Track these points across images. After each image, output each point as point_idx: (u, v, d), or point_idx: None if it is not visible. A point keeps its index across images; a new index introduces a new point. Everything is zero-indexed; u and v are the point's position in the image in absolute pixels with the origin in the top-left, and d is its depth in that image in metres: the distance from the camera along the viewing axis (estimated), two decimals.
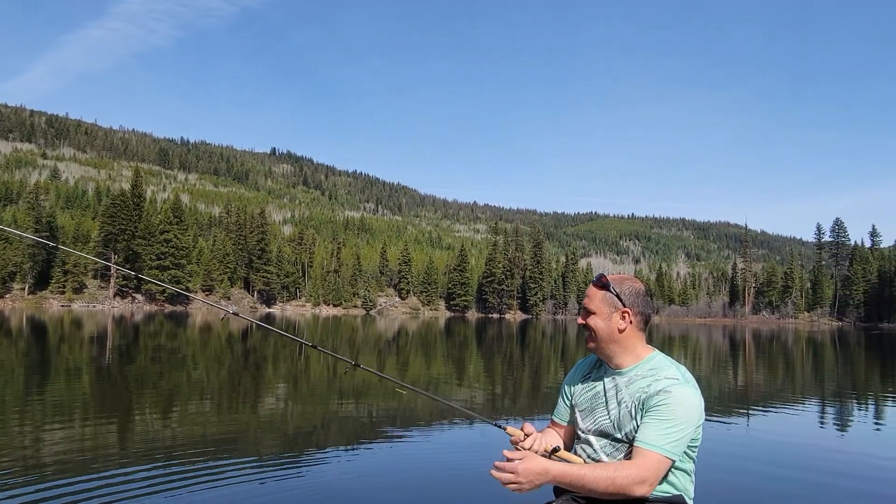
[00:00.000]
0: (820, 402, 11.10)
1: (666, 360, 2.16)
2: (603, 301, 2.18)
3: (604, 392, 2.20)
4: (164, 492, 4.48)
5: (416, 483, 5.09)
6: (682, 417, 2.00)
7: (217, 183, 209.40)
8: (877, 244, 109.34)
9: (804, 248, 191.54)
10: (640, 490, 1.95)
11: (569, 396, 2.36)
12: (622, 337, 2.17)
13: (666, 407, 2.01)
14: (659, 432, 1.99)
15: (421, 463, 5.72)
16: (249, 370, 14.19)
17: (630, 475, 1.95)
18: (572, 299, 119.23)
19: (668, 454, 1.98)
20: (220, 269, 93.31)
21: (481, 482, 5.16)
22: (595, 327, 2.17)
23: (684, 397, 2.02)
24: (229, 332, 30.28)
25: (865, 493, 5.08)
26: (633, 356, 2.18)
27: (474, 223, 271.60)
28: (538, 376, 14.63)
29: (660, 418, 2.00)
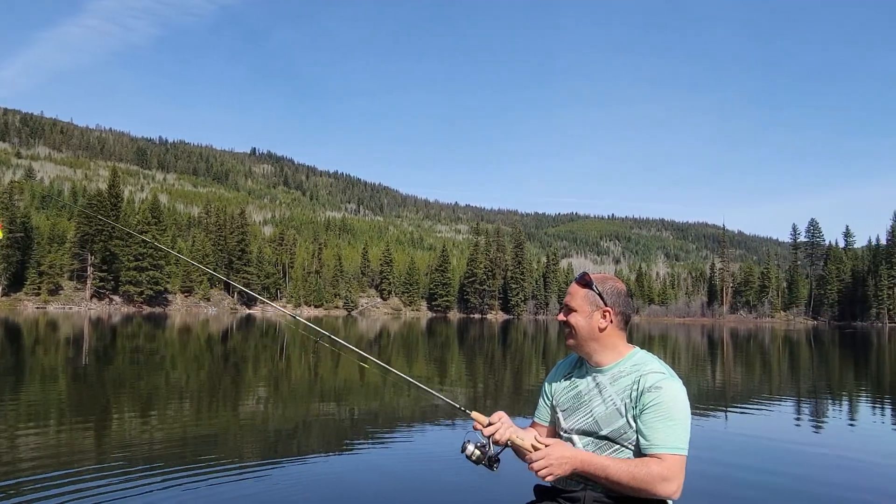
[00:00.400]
0: (796, 400, 11.29)
1: (647, 355, 2.17)
2: (585, 299, 2.19)
3: (586, 391, 2.19)
4: (142, 494, 4.43)
5: (396, 482, 5.09)
6: (680, 411, 2.02)
7: (196, 183, 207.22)
8: (850, 244, 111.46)
9: (780, 248, 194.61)
10: (667, 490, 1.96)
11: (549, 396, 2.34)
12: (602, 335, 2.17)
13: (663, 405, 2.02)
14: (668, 432, 2.00)
15: (401, 462, 5.73)
16: (229, 371, 14.07)
17: (653, 472, 1.96)
18: (553, 300, 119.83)
19: (684, 452, 2.00)
20: (200, 271, 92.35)
21: (462, 478, 5.18)
22: (576, 325, 2.18)
23: (676, 391, 2.04)
24: (209, 334, 29.99)
25: (839, 490, 5.18)
26: (613, 353, 2.18)
27: (456, 224, 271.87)
28: (520, 376, 14.69)
29: (661, 417, 2.01)
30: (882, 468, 6.01)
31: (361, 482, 5.05)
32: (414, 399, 10.28)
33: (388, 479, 5.18)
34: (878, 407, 10.73)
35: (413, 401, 10.05)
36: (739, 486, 5.15)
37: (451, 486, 5.01)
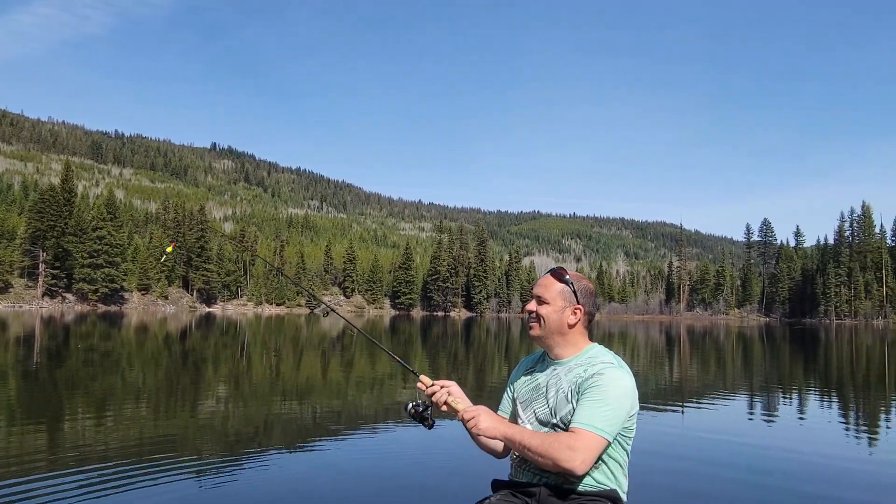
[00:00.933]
0: (749, 394, 11.66)
1: (604, 350, 2.24)
2: (559, 294, 2.24)
3: (544, 382, 2.24)
4: (97, 497, 4.33)
5: (357, 480, 5.09)
6: (613, 398, 2.06)
7: (154, 178, 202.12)
8: (800, 244, 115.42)
9: (735, 247, 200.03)
10: (570, 461, 1.97)
11: (511, 391, 2.40)
12: (569, 331, 2.24)
13: (598, 388, 2.07)
14: (590, 412, 2.04)
15: (362, 460, 5.73)
16: (188, 371, 13.82)
17: (560, 440, 2.02)
18: (516, 297, 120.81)
19: (602, 433, 2.02)
20: (157, 268, 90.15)
21: (421, 477, 5.21)
22: (546, 317, 2.23)
23: (616, 379, 2.09)
24: (167, 333, 29.36)
25: (789, 482, 5.38)
26: (573, 348, 2.24)
27: (419, 221, 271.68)
28: (482, 373, 14.80)
29: (593, 399, 2.06)
30: (827, 460, 6.26)
31: (322, 481, 5.04)
32: (376, 397, 10.28)
33: (348, 478, 5.18)
34: (826, 401, 11.16)
35: (375, 399, 10.05)
36: (694, 481, 5.31)
37: (410, 483, 5.05)
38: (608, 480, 2.12)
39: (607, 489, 2.11)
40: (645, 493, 4.50)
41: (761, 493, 4.90)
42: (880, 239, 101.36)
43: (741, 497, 4.80)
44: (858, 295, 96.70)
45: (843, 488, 5.12)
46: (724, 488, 5.05)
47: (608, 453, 2.11)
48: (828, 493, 4.95)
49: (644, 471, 5.01)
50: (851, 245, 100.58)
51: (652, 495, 4.60)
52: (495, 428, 2.12)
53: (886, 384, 13.80)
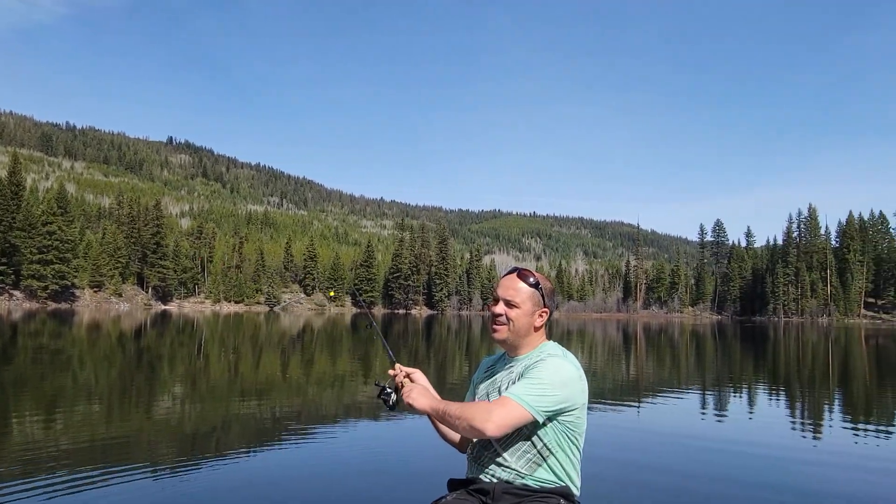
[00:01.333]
0: (701, 390, 12.01)
1: (556, 345, 2.30)
2: (530, 298, 2.26)
3: (500, 377, 2.30)
4: (47, 501, 4.23)
5: (315, 479, 5.09)
6: (548, 379, 2.10)
7: (107, 172, 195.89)
8: (751, 244, 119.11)
9: (689, 246, 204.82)
10: (482, 423, 2.04)
11: (473, 389, 2.46)
12: (534, 333, 2.29)
13: (536, 370, 2.14)
14: (521, 386, 2.11)
15: (321, 459, 5.72)
16: (143, 370, 13.50)
17: (480, 408, 2.10)
18: (477, 295, 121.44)
19: (527, 406, 2.05)
20: (111, 264, 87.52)
21: (380, 476, 5.24)
22: (516, 320, 2.24)
23: (556, 366, 2.15)
24: (121, 331, 28.58)
25: (741, 474, 5.59)
26: (531, 347, 2.30)
27: (381, 219, 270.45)
28: (444, 370, 14.87)
29: (528, 378, 2.13)
30: (775, 452, 6.52)
31: (280, 481, 5.01)
32: (337, 396, 10.23)
33: (307, 477, 5.16)
34: (774, 396, 11.58)
35: (336, 398, 10.00)
36: (646, 477, 5.46)
37: (367, 483, 5.06)
38: (561, 476, 2.16)
39: (560, 486, 2.15)
40: (599, 487, 4.62)
41: (712, 485, 5.08)
42: (825, 240, 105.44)
43: (692, 490, 4.96)
44: (805, 294, 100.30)
45: (790, 479, 5.34)
46: (677, 482, 5.21)
47: (558, 445, 2.14)
48: (775, 483, 5.15)
49: (598, 465, 5.14)
50: (799, 246, 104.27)
51: (606, 489, 4.72)
52: (423, 402, 2.23)
53: (830, 380, 14.39)
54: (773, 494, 4.87)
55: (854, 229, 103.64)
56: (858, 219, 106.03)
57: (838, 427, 8.22)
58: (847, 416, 9.20)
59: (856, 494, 4.96)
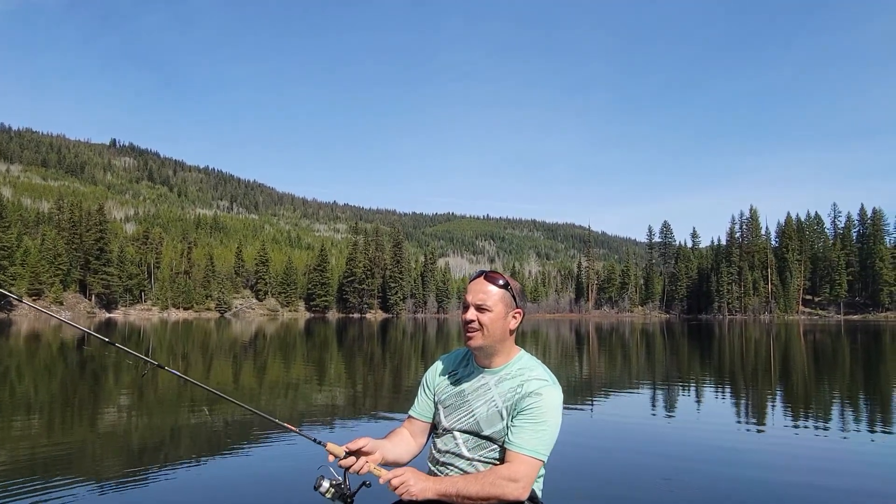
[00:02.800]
0: (652, 386, 12.32)
1: (533, 359, 2.21)
2: (501, 300, 2.16)
3: (470, 390, 2.20)
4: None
5: (272, 492, 4.99)
6: (552, 420, 2.07)
7: (46, 176, 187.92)
8: (697, 244, 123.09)
9: (638, 247, 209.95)
10: (515, 492, 1.99)
11: (431, 392, 2.33)
12: (509, 337, 2.19)
13: (538, 410, 2.06)
14: (532, 436, 2.04)
15: (279, 470, 5.62)
16: (86, 381, 12.99)
17: (501, 476, 2.00)
18: (432, 298, 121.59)
19: (540, 456, 2.05)
20: (51, 271, 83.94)
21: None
22: (490, 325, 2.13)
23: (553, 399, 2.09)
24: (62, 341, 27.45)
25: (690, 467, 5.75)
26: (505, 356, 2.20)
27: (334, 223, 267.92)
28: (399, 375, 14.81)
29: (532, 421, 2.05)
30: (722, 444, 6.74)
31: (233, 493, 4.90)
32: (291, 403, 10.08)
33: (262, 489, 5.06)
34: (720, 391, 11.97)
35: (291, 405, 9.84)
36: (603, 472, 5.57)
37: None
38: None
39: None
40: (558, 484, 4.68)
41: (662, 473, 5.22)
42: (766, 240, 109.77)
43: (645, 478, 5.08)
44: (747, 292, 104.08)
45: (737, 469, 5.54)
46: (630, 472, 5.34)
47: None
48: (724, 473, 5.34)
49: (561, 465, 5.21)
50: (741, 246, 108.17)
51: (564, 480, 4.78)
52: (428, 489, 2.01)
53: (772, 374, 14.96)
54: (721, 481, 5.04)
55: (792, 230, 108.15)
56: (796, 219, 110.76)
57: (779, 417, 8.56)
58: (787, 407, 9.59)
59: (794, 479, 5.18)
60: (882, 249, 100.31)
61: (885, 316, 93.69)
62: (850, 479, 5.32)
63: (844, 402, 10.23)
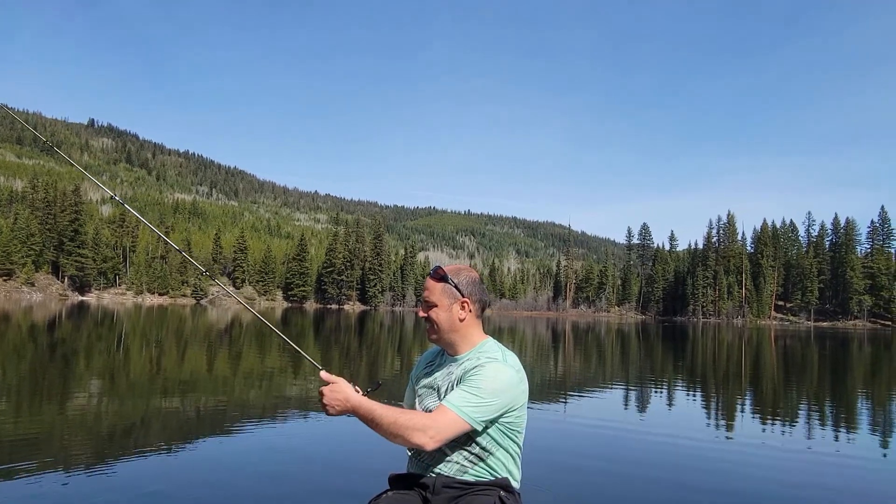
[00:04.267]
0: (625, 386, 12.46)
1: (496, 345, 2.28)
2: (443, 293, 2.26)
3: (440, 377, 2.28)
4: None
5: (246, 479, 4.96)
6: (487, 389, 2.09)
7: (21, 153, 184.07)
8: (674, 247, 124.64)
9: (617, 248, 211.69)
10: (420, 438, 2.00)
11: (413, 384, 2.44)
12: (462, 326, 2.25)
13: (476, 378, 2.11)
14: (461, 396, 2.08)
15: (252, 457, 5.59)
16: (56, 364, 12.79)
17: (415, 421, 2.02)
18: (410, 291, 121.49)
19: (465, 417, 2.05)
20: (23, 251, 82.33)
21: (317, 474, 5.17)
22: (437, 319, 2.25)
23: (496, 371, 2.13)
24: (32, 323, 26.97)
25: (660, 462, 5.84)
26: (469, 344, 2.27)
27: (315, 212, 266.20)
28: (375, 367, 14.80)
29: (467, 385, 2.11)
30: (691, 443, 6.85)
31: (204, 480, 4.86)
32: (266, 391, 10.03)
33: (236, 476, 5.03)
34: (692, 392, 12.15)
35: (265, 393, 9.80)
36: (581, 469, 5.63)
37: (304, 480, 4.98)
38: (500, 470, 2.19)
39: (499, 478, 2.18)
40: (536, 481, 4.72)
41: (634, 471, 5.29)
42: (742, 246, 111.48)
43: (617, 475, 5.15)
44: (722, 296, 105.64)
45: (703, 470, 5.63)
46: (602, 468, 5.41)
47: (499, 444, 2.18)
48: (691, 470, 5.43)
49: (534, 463, 5.25)
50: (717, 250, 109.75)
51: (537, 475, 4.83)
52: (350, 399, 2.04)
53: (742, 377, 15.23)
54: (690, 479, 5.13)
55: (767, 236, 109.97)
56: (772, 226, 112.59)
57: (748, 419, 8.73)
58: (756, 409, 9.78)
59: (762, 479, 5.29)
60: (853, 259, 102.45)
61: (854, 324, 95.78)
62: (811, 487, 5.44)
63: (811, 406, 10.46)
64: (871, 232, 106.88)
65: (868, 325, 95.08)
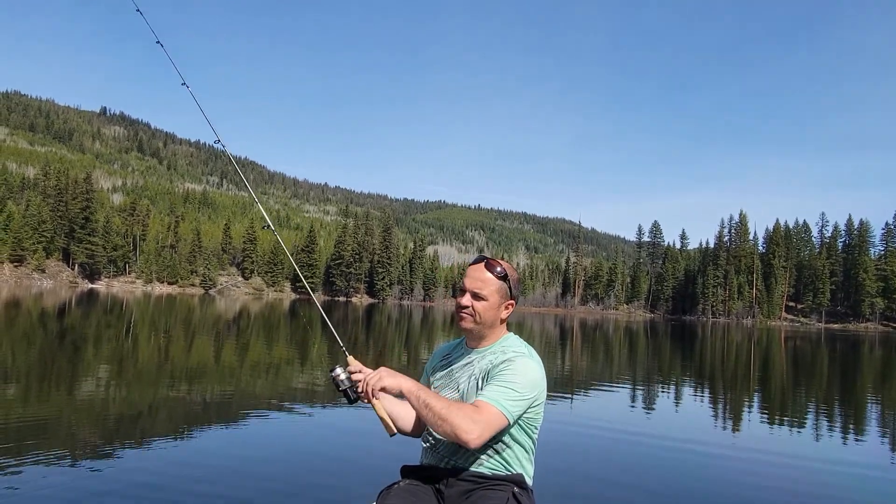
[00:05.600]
0: (632, 384, 12.41)
1: (518, 339, 2.28)
2: (498, 291, 2.22)
3: (458, 368, 2.27)
4: None
5: (252, 465, 4.97)
6: (521, 382, 2.08)
7: (33, 141, 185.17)
8: (685, 246, 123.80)
9: (627, 246, 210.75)
10: (467, 434, 1.95)
11: (428, 377, 2.41)
12: (499, 325, 2.26)
13: (507, 372, 2.09)
14: (497, 390, 2.05)
15: (265, 447, 5.59)
16: (65, 351, 12.88)
17: (465, 415, 1.97)
18: (419, 285, 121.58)
19: (505, 411, 2.02)
20: (34, 238, 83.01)
21: (329, 464, 5.17)
22: (483, 314, 2.19)
23: (526, 366, 2.12)
24: (42, 309, 27.20)
25: (665, 463, 5.80)
26: (494, 337, 2.27)
27: (324, 204, 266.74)
28: (383, 360, 14.82)
29: (500, 381, 2.08)
30: (697, 446, 6.80)
31: (213, 469, 4.86)
32: (273, 382, 10.05)
33: (245, 464, 5.03)
34: (699, 392, 12.08)
35: (273, 384, 9.82)
36: (586, 466, 5.60)
37: (315, 469, 4.98)
38: (515, 465, 2.17)
39: (514, 473, 2.16)
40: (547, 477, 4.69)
41: (639, 472, 5.26)
42: (753, 245, 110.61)
43: (622, 476, 5.12)
44: (732, 296, 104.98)
45: (711, 468, 5.59)
46: (608, 469, 5.37)
47: (515, 439, 2.15)
48: (697, 471, 5.39)
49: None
50: (729, 249, 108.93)
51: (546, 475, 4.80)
52: (400, 383, 2.04)
53: (751, 378, 15.12)
54: (695, 482, 5.09)
55: (780, 236, 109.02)
56: (784, 226, 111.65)
57: (756, 421, 8.66)
58: (765, 411, 9.70)
59: (767, 481, 5.24)
60: (866, 261, 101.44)
61: (866, 327, 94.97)
62: (817, 485, 5.38)
63: (819, 408, 10.37)
64: (886, 234, 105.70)
65: (880, 327, 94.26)
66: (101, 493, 4.09)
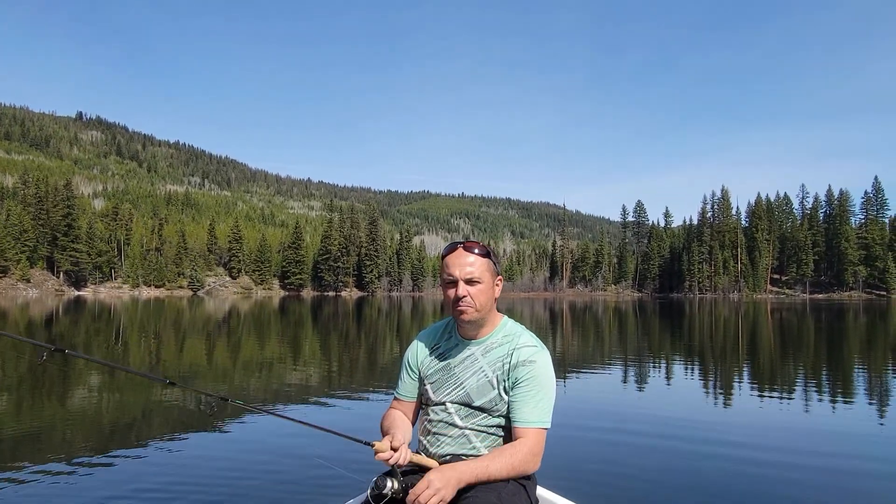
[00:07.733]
0: (623, 363, 12.54)
1: (516, 325, 2.20)
2: (487, 269, 2.11)
3: (457, 362, 2.16)
4: None
5: (243, 473, 4.99)
6: (547, 386, 2.09)
7: (9, 149, 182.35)
8: (669, 224, 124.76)
9: (612, 226, 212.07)
10: (534, 466, 2.05)
11: (415, 370, 2.27)
12: (494, 305, 2.17)
13: (534, 380, 2.06)
14: (534, 408, 2.05)
15: (257, 444, 5.61)
16: (55, 360, 12.77)
17: (525, 455, 2.02)
18: (407, 276, 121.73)
19: (546, 424, 2.07)
20: (17, 248, 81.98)
21: (320, 456, 5.20)
22: (480, 298, 2.08)
23: (546, 366, 2.10)
24: (29, 318, 26.92)
25: (658, 437, 5.90)
26: (492, 323, 2.17)
27: (309, 200, 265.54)
28: (374, 352, 14.85)
29: (531, 392, 2.06)
30: (688, 420, 6.91)
31: (210, 472, 4.88)
32: (266, 381, 10.05)
33: (241, 465, 5.06)
34: (689, 367, 12.24)
35: (265, 383, 9.82)
36: (584, 448, 5.68)
37: (309, 464, 5.00)
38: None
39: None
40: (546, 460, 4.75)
41: (633, 448, 5.34)
42: (736, 220, 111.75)
43: (617, 452, 5.21)
44: (718, 271, 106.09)
45: (700, 444, 5.69)
46: (604, 448, 5.46)
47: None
48: (689, 447, 5.49)
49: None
50: (712, 226, 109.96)
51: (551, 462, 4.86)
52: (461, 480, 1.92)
53: (739, 351, 15.33)
54: (687, 460, 5.18)
55: (762, 210, 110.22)
56: (766, 200, 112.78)
57: (746, 393, 8.80)
58: (754, 383, 9.86)
59: (757, 453, 5.35)
60: (847, 230, 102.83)
61: (849, 295, 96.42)
62: (812, 455, 5.50)
63: (808, 377, 10.55)
64: (865, 203, 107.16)
65: (863, 295, 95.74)
66: (98, 501, 4.09)
